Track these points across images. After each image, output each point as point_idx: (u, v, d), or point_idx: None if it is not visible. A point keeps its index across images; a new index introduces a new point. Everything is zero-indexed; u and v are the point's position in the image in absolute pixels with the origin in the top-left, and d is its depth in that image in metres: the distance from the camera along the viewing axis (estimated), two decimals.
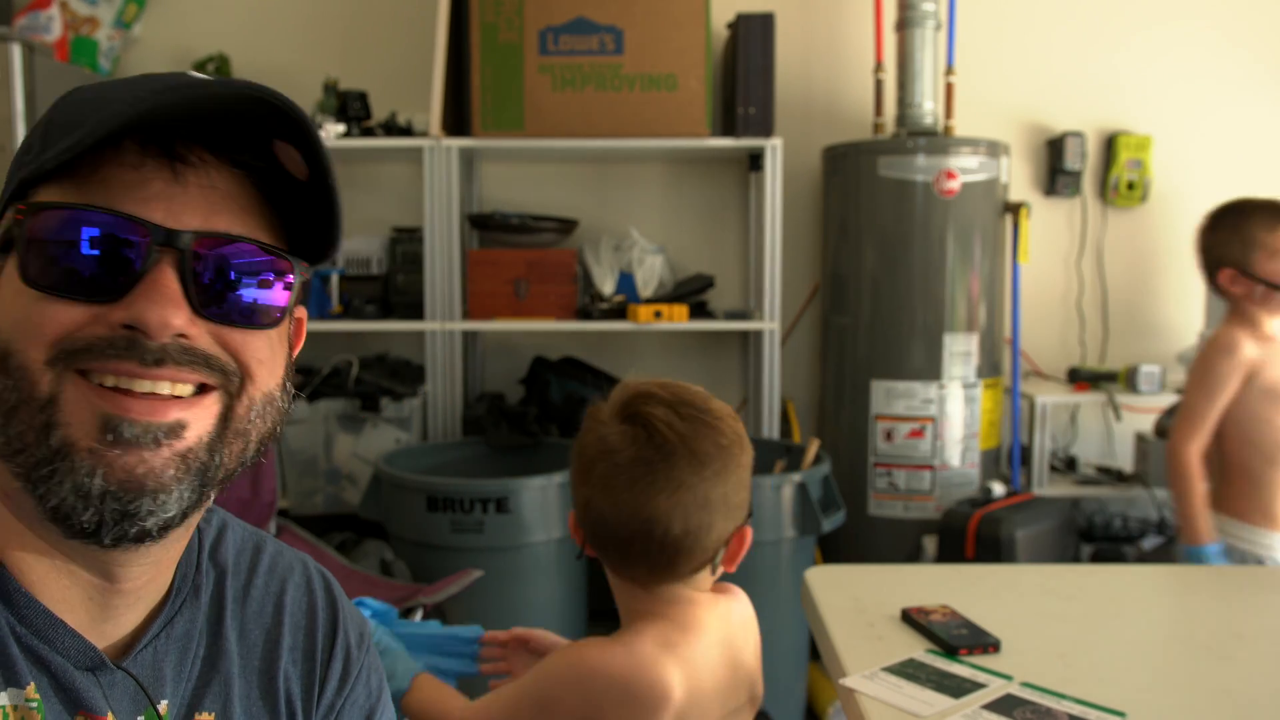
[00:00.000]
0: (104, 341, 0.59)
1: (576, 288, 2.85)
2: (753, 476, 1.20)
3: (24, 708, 0.61)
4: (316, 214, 0.67)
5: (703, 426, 1.13)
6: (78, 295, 0.59)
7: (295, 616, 0.78)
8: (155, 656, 0.69)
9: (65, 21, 2.93)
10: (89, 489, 0.58)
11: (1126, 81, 3.29)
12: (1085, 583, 1.54)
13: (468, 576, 2.24)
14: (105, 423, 0.59)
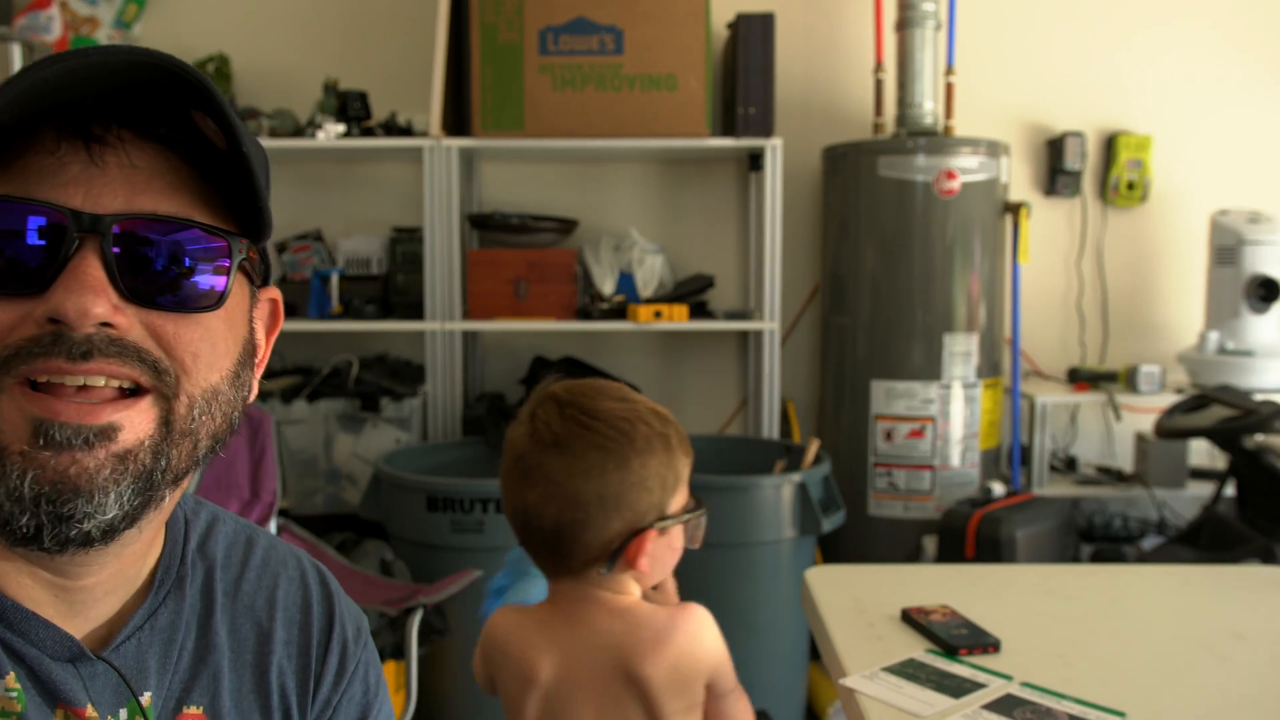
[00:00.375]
0: (32, 341, 0.57)
1: (576, 288, 2.85)
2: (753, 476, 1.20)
3: (4, 698, 0.60)
4: (242, 185, 0.64)
5: (577, 426, 1.15)
6: (2, 290, 0.57)
7: (289, 610, 0.77)
8: (139, 649, 0.68)
9: (65, 21, 2.93)
10: (21, 493, 0.57)
11: (1127, 81, 3.29)
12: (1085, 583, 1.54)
13: (468, 576, 2.24)
14: (36, 426, 0.57)
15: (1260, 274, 2.96)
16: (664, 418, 1.20)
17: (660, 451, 1.16)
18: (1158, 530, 3.09)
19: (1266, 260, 2.96)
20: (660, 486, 1.17)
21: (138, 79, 0.59)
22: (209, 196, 0.64)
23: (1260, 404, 2.46)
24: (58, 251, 0.57)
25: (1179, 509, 3.15)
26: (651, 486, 1.16)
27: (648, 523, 1.16)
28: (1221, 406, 2.53)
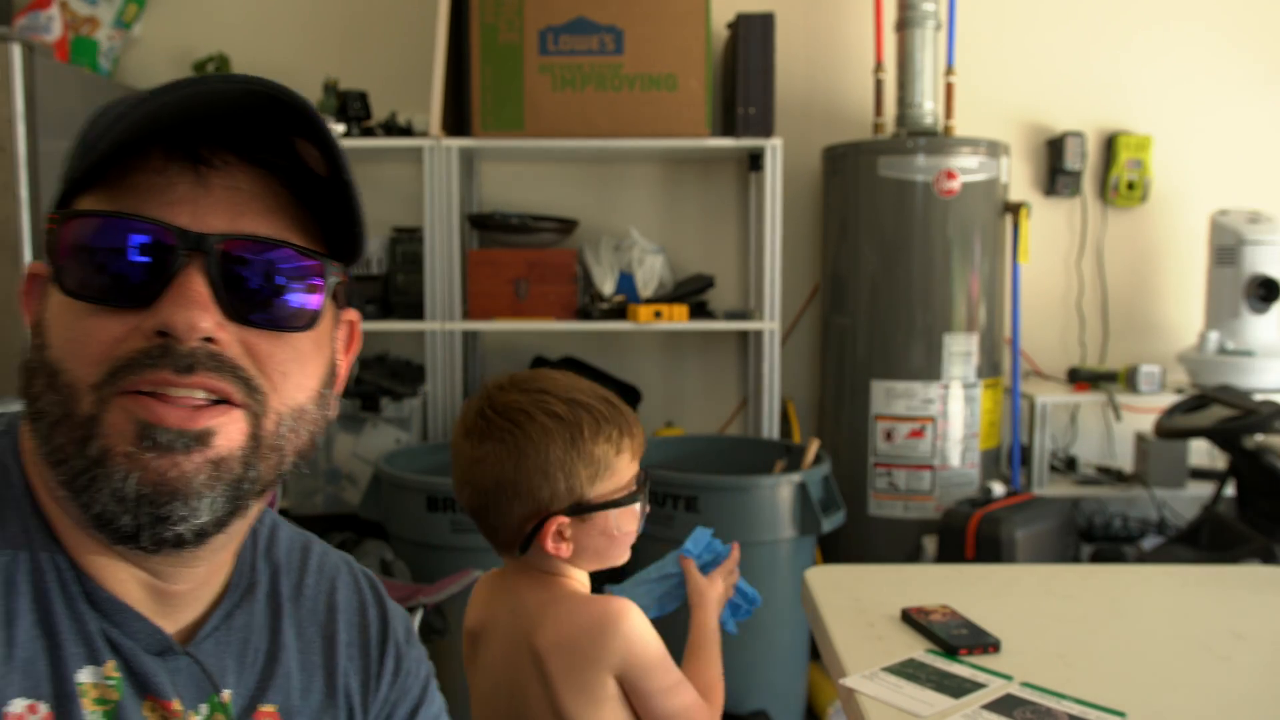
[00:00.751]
0: (141, 354, 0.59)
1: (576, 288, 2.85)
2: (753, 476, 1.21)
3: (103, 685, 0.62)
4: (341, 212, 0.66)
5: (481, 419, 1.20)
6: (111, 302, 0.60)
7: (348, 614, 0.80)
8: (217, 647, 0.70)
9: (65, 21, 2.93)
10: (125, 493, 0.60)
11: (1126, 81, 3.29)
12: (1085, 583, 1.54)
13: (468, 576, 2.24)
14: (141, 430, 0.59)
15: (1260, 274, 2.96)
16: (578, 404, 1.20)
17: (560, 441, 1.17)
18: (1158, 530, 3.09)
19: (1266, 260, 2.96)
20: (566, 475, 1.17)
21: (246, 105, 0.62)
22: (304, 220, 0.66)
23: (1260, 404, 2.46)
24: (165, 268, 0.60)
25: (1179, 509, 3.15)
26: (553, 475, 1.17)
27: (556, 509, 1.18)
28: (1221, 406, 2.53)
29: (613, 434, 1.20)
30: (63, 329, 0.61)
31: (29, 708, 0.59)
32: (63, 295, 0.61)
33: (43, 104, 2.38)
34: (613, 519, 1.20)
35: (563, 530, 1.19)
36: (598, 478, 1.19)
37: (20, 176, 2.33)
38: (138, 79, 3.15)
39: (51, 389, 0.61)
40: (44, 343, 0.62)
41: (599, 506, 1.19)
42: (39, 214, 2.39)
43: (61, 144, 2.50)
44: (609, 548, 1.22)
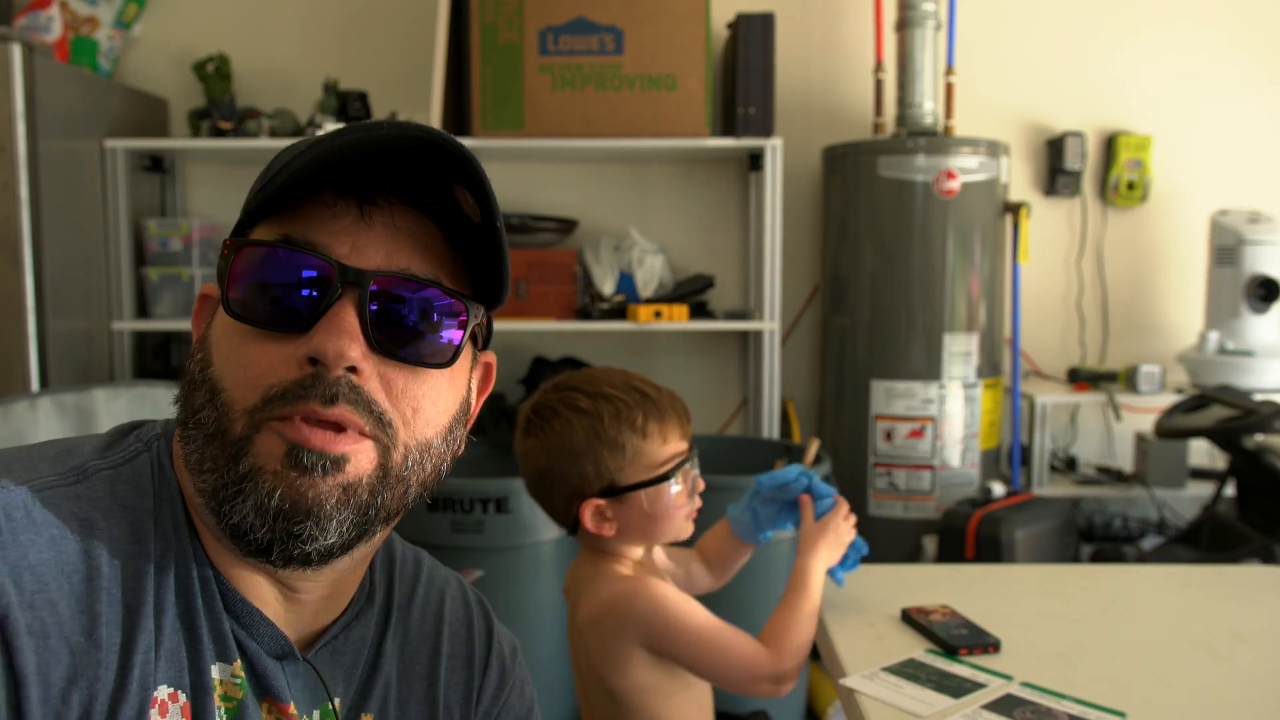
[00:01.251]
0: (295, 385, 0.63)
1: (576, 288, 2.85)
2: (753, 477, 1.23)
3: (229, 683, 0.65)
4: (488, 256, 0.70)
5: (524, 420, 1.36)
6: (271, 327, 0.64)
7: (454, 626, 0.83)
8: (333, 656, 0.73)
9: (65, 21, 2.93)
10: (267, 508, 0.63)
11: (1126, 81, 3.29)
12: (1085, 583, 1.54)
13: (468, 576, 2.24)
14: (290, 451, 0.63)
15: (1260, 274, 2.96)
16: (601, 396, 1.30)
17: (582, 432, 1.29)
18: (1158, 530, 3.09)
19: (1266, 260, 2.96)
20: (593, 461, 1.29)
21: (412, 150, 0.65)
22: (454, 261, 0.70)
23: (1260, 404, 2.46)
24: (323, 298, 0.64)
25: (1179, 509, 3.15)
26: (580, 462, 1.29)
27: (589, 492, 1.30)
28: (1221, 406, 2.53)
29: (637, 420, 1.29)
30: (226, 350, 0.65)
31: (171, 695, 0.62)
32: (228, 317, 0.65)
33: (43, 104, 2.38)
34: (645, 498, 1.30)
35: (603, 511, 1.30)
36: (625, 462, 1.29)
37: (20, 176, 2.33)
38: (138, 79, 3.15)
39: (211, 405, 0.65)
40: (208, 359, 0.66)
41: (630, 488, 1.29)
42: (39, 214, 2.39)
43: (62, 144, 2.50)
44: (653, 524, 1.32)
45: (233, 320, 0.65)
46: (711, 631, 1.27)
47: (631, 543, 1.34)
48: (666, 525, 1.33)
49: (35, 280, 2.38)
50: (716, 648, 1.26)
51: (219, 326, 0.67)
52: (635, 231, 3.02)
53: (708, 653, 1.26)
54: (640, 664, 1.29)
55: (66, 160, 2.52)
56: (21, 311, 2.36)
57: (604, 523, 1.30)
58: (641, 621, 1.27)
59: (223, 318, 0.66)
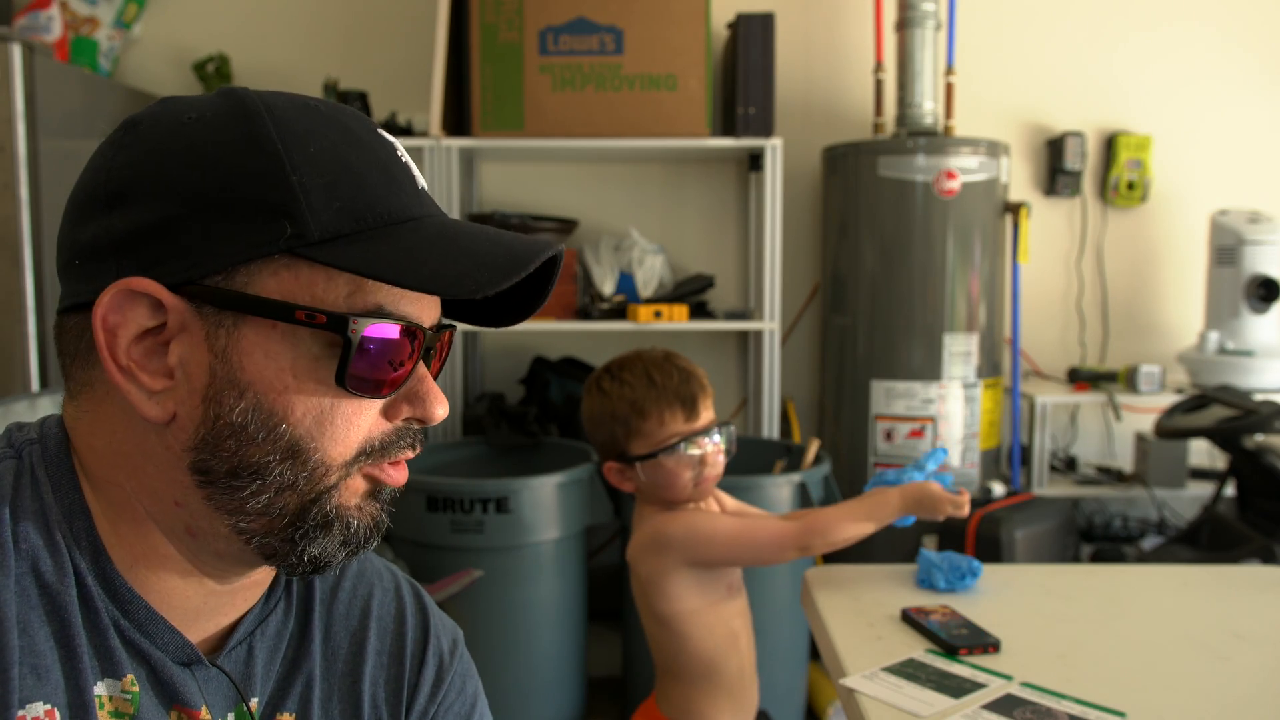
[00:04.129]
0: (395, 436, 0.67)
1: (576, 288, 2.85)
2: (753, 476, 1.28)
3: (119, 698, 0.63)
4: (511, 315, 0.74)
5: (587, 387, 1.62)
6: (375, 396, 0.65)
7: (383, 621, 0.80)
8: (249, 654, 0.72)
9: (65, 21, 2.93)
10: (354, 540, 0.67)
11: (1126, 81, 3.29)
12: (1085, 583, 1.54)
13: (468, 576, 2.24)
14: (374, 487, 0.68)
15: (1260, 274, 2.96)
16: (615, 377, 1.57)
17: (596, 406, 1.58)
18: (1158, 530, 3.09)
19: (1266, 260, 2.96)
20: (607, 433, 1.58)
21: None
22: None
23: (1260, 404, 2.46)
24: (412, 362, 0.66)
25: (1179, 509, 3.15)
26: (599, 432, 1.59)
27: (608, 457, 1.60)
28: (1221, 406, 2.53)
29: (639, 402, 1.54)
30: (314, 412, 0.63)
31: (47, 713, 0.59)
32: (321, 379, 0.63)
33: (43, 104, 2.38)
34: (643, 469, 1.55)
35: (621, 471, 1.58)
36: (630, 436, 1.56)
37: (20, 176, 2.33)
38: (138, 79, 3.15)
39: (292, 464, 0.63)
40: (274, 415, 0.62)
41: (635, 458, 1.56)
42: (39, 214, 2.38)
43: (62, 144, 2.50)
44: (664, 488, 1.56)
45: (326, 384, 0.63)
46: (737, 527, 1.54)
47: (652, 498, 1.59)
48: (673, 491, 1.56)
49: (35, 280, 2.38)
50: (745, 535, 1.53)
51: (281, 379, 0.62)
52: (635, 231, 3.02)
53: (740, 541, 1.53)
54: (681, 586, 1.54)
55: (66, 160, 2.52)
56: (21, 311, 2.36)
57: (624, 480, 1.58)
58: (678, 541, 1.52)
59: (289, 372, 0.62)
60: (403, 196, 0.65)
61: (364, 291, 0.63)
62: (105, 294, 0.61)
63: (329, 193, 0.62)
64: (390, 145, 0.68)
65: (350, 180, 0.63)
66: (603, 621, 2.81)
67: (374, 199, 0.64)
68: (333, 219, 0.61)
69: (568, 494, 2.43)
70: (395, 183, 0.66)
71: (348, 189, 0.63)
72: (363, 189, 0.63)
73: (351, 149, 0.65)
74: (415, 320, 0.66)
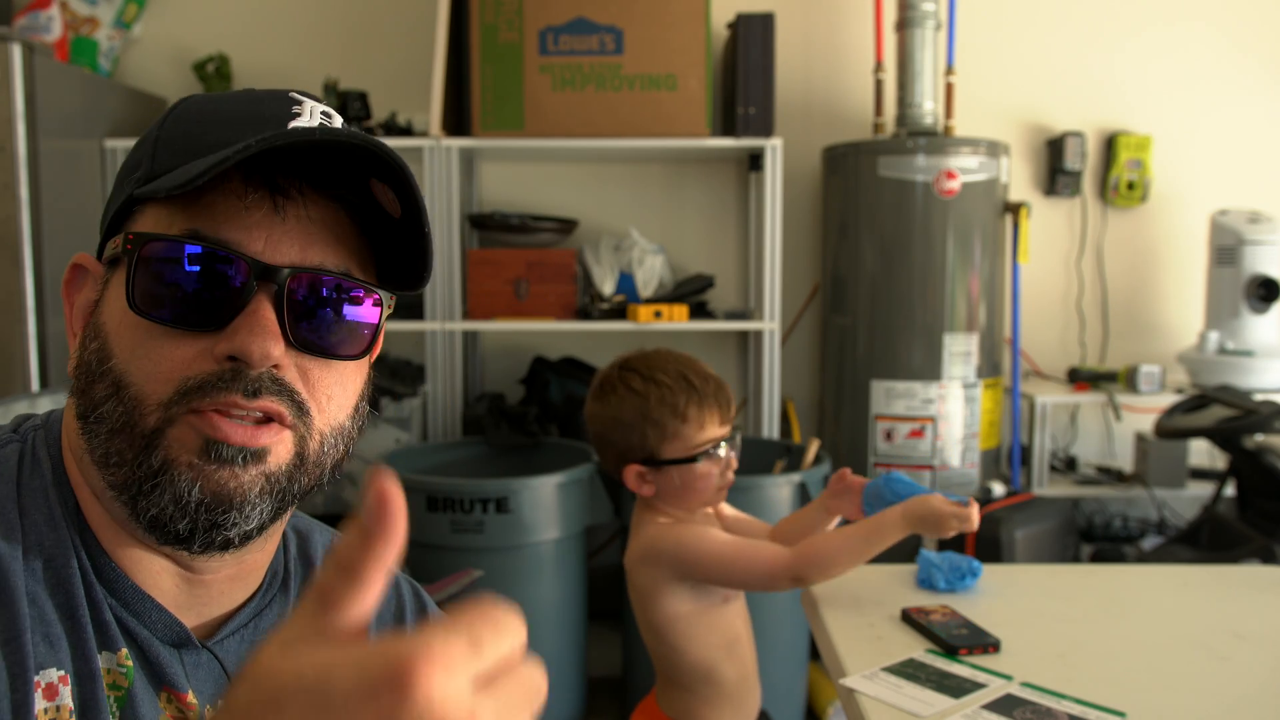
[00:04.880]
0: (213, 377, 0.63)
1: (576, 288, 2.85)
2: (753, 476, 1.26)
3: (116, 671, 0.64)
4: (407, 247, 0.69)
5: (595, 387, 1.56)
6: (184, 326, 0.63)
7: (383, 618, 0.80)
8: (241, 645, 0.71)
9: (65, 21, 2.93)
10: (187, 501, 0.63)
11: (1126, 81, 3.29)
12: (1085, 583, 1.54)
13: (468, 576, 2.24)
14: (207, 444, 0.63)
15: (1260, 274, 2.96)
16: (653, 381, 1.51)
17: (629, 406, 1.51)
18: (1158, 530, 3.09)
19: (1266, 260, 2.96)
20: (638, 434, 1.50)
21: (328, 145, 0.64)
22: (364, 249, 0.70)
23: (1260, 404, 2.46)
24: (239, 295, 0.63)
25: (1179, 509, 3.15)
26: (627, 433, 1.51)
27: (632, 459, 1.52)
28: (1221, 406, 2.53)
29: (679, 406, 1.49)
30: (131, 344, 0.63)
31: (61, 678, 0.61)
32: (131, 312, 0.63)
33: (43, 104, 2.38)
34: (676, 473, 1.51)
35: (643, 475, 1.52)
36: (665, 439, 1.50)
37: (20, 176, 2.33)
38: (138, 79, 3.15)
39: (116, 400, 0.63)
40: (106, 350, 0.64)
41: (665, 462, 1.50)
42: (39, 214, 2.39)
43: (62, 144, 2.50)
44: (683, 493, 1.52)
45: (137, 316, 0.63)
46: (731, 547, 1.48)
47: (668, 504, 1.54)
48: (696, 496, 1.53)
49: (35, 280, 2.38)
50: (739, 558, 1.46)
51: (116, 315, 0.64)
52: (635, 231, 3.02)
53: (732, 564, 1.46)
54: (674, 596, 1.50)
55: (66, 160, 2.52)
56: (21, 311, 2.37)
57: (644, 484, 1.53)
58: (670, 556, 1.49)
59: (120, 308, 0.64)
60: (248, 131, 0.63)
61: (183, 219, 0.64)
62: (65, 273, 0.68)
63: (177, 138, 0.65)
64: (289, 100, 0.68)
65: (202, 124, 0.65)
66: (603, 621, 2.81)
67: (210, 134, 0.64)
68: (168, 158, 0.64)
69: (568, 494, 2.43)
70: (253, 119, 0.65)
71: (194, 131, 0.65)
72: (208, 129, 0.64)
73: (232, 103, 0.66)
74: (243, 249, 0.63)
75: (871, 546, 1.40)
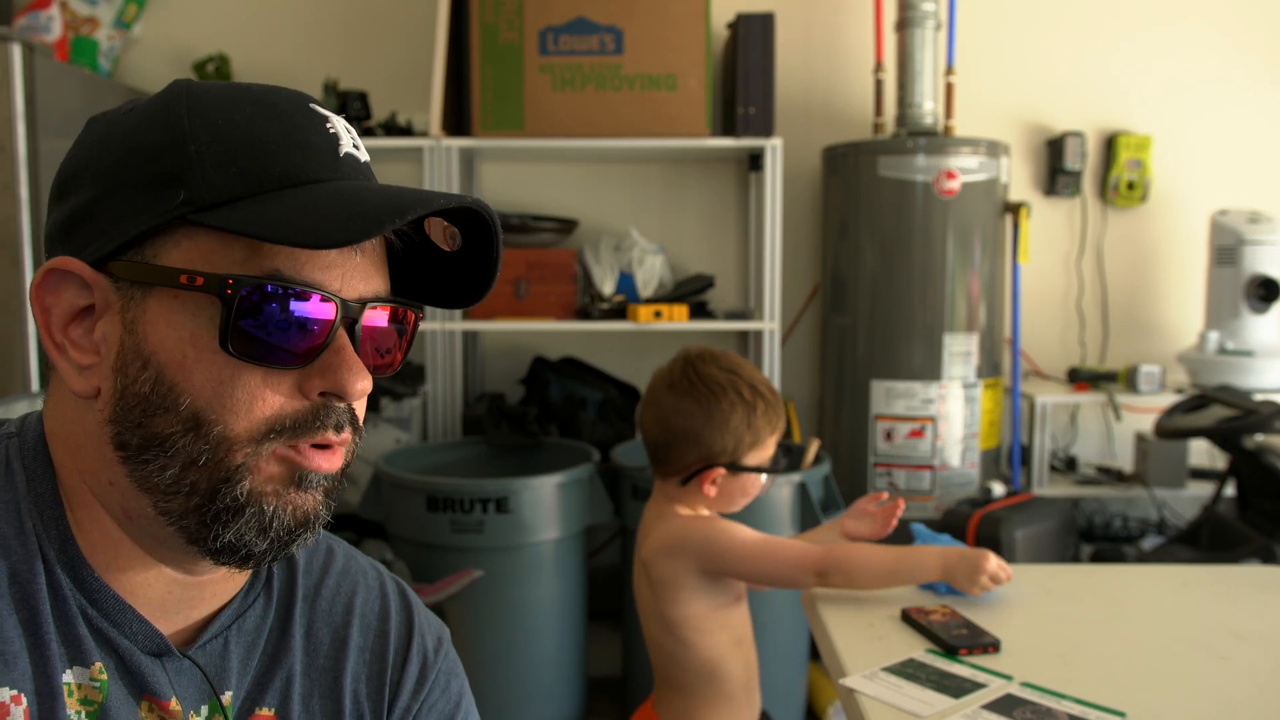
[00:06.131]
0: (307, 415, 0.64)
1: (576, 288, 2.85)
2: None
3: (88, 686, 0.63)
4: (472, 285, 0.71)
5: (686, 380, 1.55)
6: (278, 366, 0.63)
7: (366, 619, 0.80)
8: (224, 648, 0.71)
9: (65, 21, 2.93)
10: (271, 527, 0.64)
11: (1126, 81, 3.29)
12: (1085, 583, 1.54)
13: (468, 576, 2.24)
14: (293, 473, 0.64)
15: (1260, 274, 2.96)
16: (757, 391, 1.54)
17: (739, 413, 1.52)
18: (1158, 530, 3.09)
19: (1266, 260, 2.96)
20: (735, 439, 1.53)
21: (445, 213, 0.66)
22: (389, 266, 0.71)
23: (1260, 404, 2.46)
24: (325, 333, 0.63)
25: (1179, 509, 3.15)
26: (727, 436, 1.53)
27: (719, 462, 1.54)
28: (1221, 406, 2.53)
29: (772, 417, 1.55)
30: (213, 382, 0.62)
31: (13, 698, 0.60)
32: (216, 348, 0.62)
33: (43, 104, 2.38)
34: (749, 480, 1.56)
35: (717, 479, 1.55)
36: (753, 447, 1.54)
37: (20, 176, 2.33)
38: (138, 79, 3.15)
39: (195, 437, 0.62)
40: (174, 386, 0.62)
41: (749, 469, 1.55)
42: (39, 214, 2.39)
43: (62, 144, 2.50)
44: (736, 499, 1.58)
45: (223, 354, 0.62)
46: (760, 541, 1.51)
47: (717, 508, 1.59)
48: (743, 501, 1.60)
49: None
50: (765, 554, 1.49)
51: (179, 348, 0.62)
52: (635, 231, 3.02)
53: (761, 558, 1.49)
54: (691, 590, 1.52)
55: None
56: (21, 311, 2.37)
57: (713, 486, 1.55)
58: (696, 549, 1.51)
59: (181, 337, 0.62)
60: (313, 162, 0.64)
61: (260, 256, 0.62)
62: (36, 276, 0.65)
63: (226, 159, 0.62)
64: (319, 117, 0.66)
65: (252, 146, 0.62)
66: (603, 621, 2.81)
67: (275, 163, 0.63)
68: (225, 183, 0.61)
69: (568, 494, 2.43)
70: (308, 148, 0.64)
71: (247, 154, 0.62)
72: (264, 154, 0.63)
73: (265, 120, 0.64)
74: (327, 288, 0.63)
75: (900, 573, 1.42)
